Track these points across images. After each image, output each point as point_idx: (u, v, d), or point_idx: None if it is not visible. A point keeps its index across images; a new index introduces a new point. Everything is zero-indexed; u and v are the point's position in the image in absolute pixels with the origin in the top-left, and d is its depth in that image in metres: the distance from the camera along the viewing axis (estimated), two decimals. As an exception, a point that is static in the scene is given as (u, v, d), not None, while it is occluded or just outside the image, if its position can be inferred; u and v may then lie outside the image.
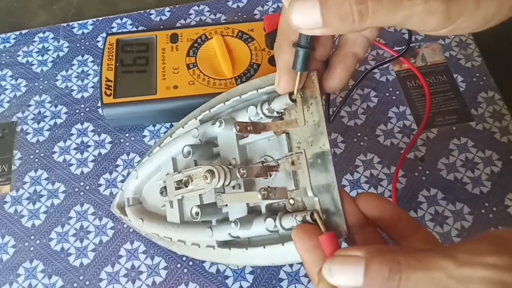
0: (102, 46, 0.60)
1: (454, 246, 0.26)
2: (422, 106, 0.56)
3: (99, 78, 0.55)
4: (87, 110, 0.59)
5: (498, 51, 0.71)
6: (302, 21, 0.26)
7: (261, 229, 0.36)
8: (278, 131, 0.36)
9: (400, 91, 0.57)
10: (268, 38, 0.55)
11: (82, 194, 0.53)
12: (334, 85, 0.34)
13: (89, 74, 0.61)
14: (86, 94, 0.60)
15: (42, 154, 0.56)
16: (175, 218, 0.43)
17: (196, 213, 0.39)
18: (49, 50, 0.64)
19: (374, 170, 0.53)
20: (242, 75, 0.54)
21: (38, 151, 0.56)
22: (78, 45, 0.64)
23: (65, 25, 0.66)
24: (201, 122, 0.44)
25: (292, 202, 0.35)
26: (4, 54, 0.64)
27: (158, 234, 0.46)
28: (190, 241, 0.43)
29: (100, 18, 0.66)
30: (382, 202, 0.32)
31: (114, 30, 0.65)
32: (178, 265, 0.48)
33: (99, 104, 0.55)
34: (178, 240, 0.44)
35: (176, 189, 0.40)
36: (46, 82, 0.61)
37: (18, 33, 0.66)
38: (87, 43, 0.64)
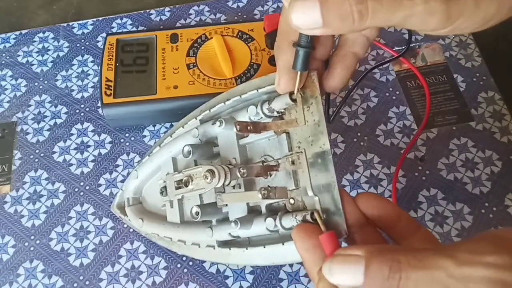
0: (102, 46, 0.60)
1: (454, 245, 0.26)
2: (422, 106, 0.56)
3: (99, 78, 0.55)
4: (87, 110, 0.59)
5: (498, 51, 0.71)
6: (302, 21, 0.27)
7: (261, 228, 0.36)
8: (278, 131, 0.36)
9: (400, 91, 0.58)
10: (268, 38, 0.55)
11: (82, 194, 0.53)
12: (334, 84, 0.34)
13: (89, 74, 0.61)
14: (86, 94, 0.60)
15: (42, 154, 0.56)
16: (175, 218, 0.43)
17: (196, 212, 0.39)
18: (49, 50, 0.64)
19: (374, 170, 0.53)
20: (242, 75, 0.54)
21: (38, 151, 0.56)
22: (78, 45, 0.64)
23: (65, 25, 0.66)
24: (201, 122, 0.44)
25: (292, 201, 0.35)
26: (4, 54, 0.64)
27: (158, 234, 0.46)
28: (190, 241, 0.43)
29: (100, 18, 0.66)
30: (382, 202, 0.32)
31: (114, 30, 0.65)
32: (178, 265, 0.48)
33: (99, 104, 0.55)
34: (178, 240, 0.44)
35: (176, 188, 0.40)
36: (46, 82, 0.61)
37: (18, 33, 0.66)
38: (87, 43, 0.64)
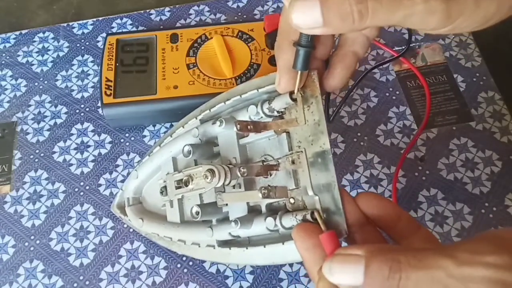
0: (102, 46, 0.60)
1: (454, 245, 0.26)
2: (422, 106, 0.56)
3: (99, 78, 0.55)
4: (87, 110, 0.59)
5: (498, 50, 0.72)
6: (302, 20, 0.27)
7: (261, 228, 0.36)
8: (279, 130, 0.36)
9: (400, 91, 0.58)
10: (268, 38, 0.55)
11: (82, 194, 0.53)
12: (334, 84, 0.34)
13: (89, 74, 0.61)
14: (86, 94, 0.60)
15: (42, 154, 0.56)
16: (175, 217, 0.43)
17: (196, 212, 0.39)
18: (49, 50, 0.64)
19: (374, 170, 0.53)
20: (242, 75, 0.54)
21: (38, 151, 0.56)
22: (78, 45, 0.64)
23: (65, 25, 0.66)
24: (201, 121, 0.44)
25: (292, 201, 0.35)
26: (4, 54, 0.64)
27: (158, 233, 0.46)
28: (190, 240, 0.43)
29: (100, 18, 0.66)
30: (382, 201, 0.32)
31: (114, 30, 0.65)
32: (178, 265, 0.48)
33: (99, 104, 0.55)
34: (178, 239, 0.44)
35: (176, 188, 0.40)
36: (46, 82, 0.61)
37: (18, 33, 0.66)
38: (87, 43, 0.64)
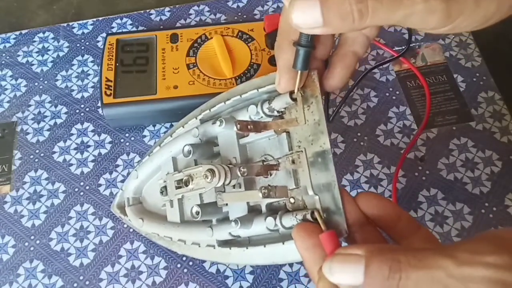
0: (102, 46, 0.60)
1: (454, 245, 0.26)
2: (422, 106, 0.56)
3: (99, 78, 0.55)
4: (87, 110, 0.59)
5: (498, 50, 0.71)
6: (302, 20, 0.27)
7: (261, 228, 0.36)
8: (279, 130, 0.36)
9: (400, 91, 0.58)
10: (268, 38, 0.55)
11: (82, 194, 0.53)
12: (334, 84, 0.34)
13: (89, 74, 0.61)
14: (86, 94, 0.60)
15: (42, 154, 0.56)
16: (175, 217, 0.43)
17: (196, 212, 0.39)
18: (49, 50, 0.64)
19: (374, 170, 0.53)
20: (242, 75, 0.54)
21: (38, 151, 0.56)
22: (78, 45, 0.64)
23: (65, 25, 0.66)
24: (201, 121, 0.44)
25: (292, 200, 0.35)
26: (4, 54, 0.64)
27: (158, 233, 0.46)
28: (190, 240, 0.43)
29: (100, 18, 0.66)
30: (382, 201, 0.32)
31: (114, 30, 0.65)
32: (178, 265, 0.48)
33: (99, 104, 0.55)
34: (178, 239, 0.44)
35: (176, 188, 0.40)
36: (46, 82, 0.61)
37: (18, 33, 0.66)
38: (87, 43, 0.64)
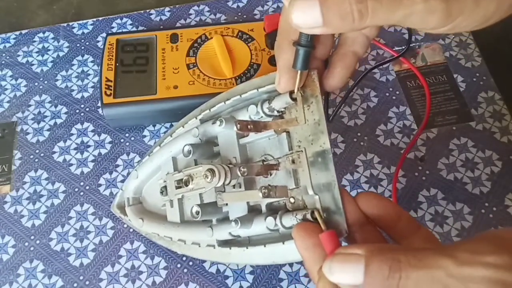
0: (102, 46, 0.60)
1: (454, 245, 0.26)
2: (422, 106, 0.56)
3: (99, 78, 0.55)
4: (87, 110, 0.59)
5: (498, 50, 0.71)
6: (302, 20, 0.27)
7: (261, 228, 0.36)
8: (279, 130, 0.36)
9: (400, 91, 0.58)
10: (268, 38, 0.55)
11: (82, 194, 0.53)
12: (334, 83, 0.34)
13: (89, 74, 0.61)
14: (86, 94, 0.60)
15: (42, 154, 0.56)
16: (175, 217, 0.43)
17: (196, 212, 0.39)
18: (49, 50, 0.64)
19: (374, 170, 0.53)
20: (242, 75, 0.54)
21: (38, 151, 0.56)
22: (78, 45, 0.64)
23: (65, 25, 0.66)
24: (201, 121, 0.44)
25: (292, 200, 0.35)
26: (4, 54, 0.64)
27: (158, 233, 0.46)
28: (190, 240, 0.43)
29: (100, 18, 0.66)
30: (382, 201, 0.32)
31: (114, 30, 0.65)
32: (178, 265, 0.48)
33: (99, 104, 0.55)
34: (178, 239, 0.44)
35: (176, 188, 0.40)
36: (46, 82, 0.61)
37: (18, 33, 0.66)
38: (87, 43, 0.64)
